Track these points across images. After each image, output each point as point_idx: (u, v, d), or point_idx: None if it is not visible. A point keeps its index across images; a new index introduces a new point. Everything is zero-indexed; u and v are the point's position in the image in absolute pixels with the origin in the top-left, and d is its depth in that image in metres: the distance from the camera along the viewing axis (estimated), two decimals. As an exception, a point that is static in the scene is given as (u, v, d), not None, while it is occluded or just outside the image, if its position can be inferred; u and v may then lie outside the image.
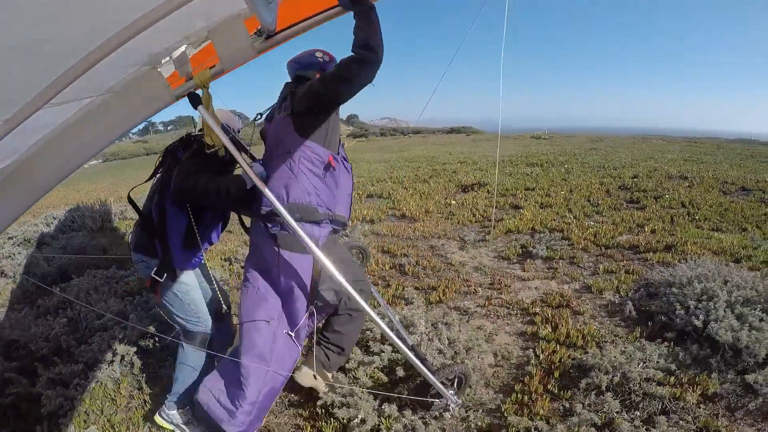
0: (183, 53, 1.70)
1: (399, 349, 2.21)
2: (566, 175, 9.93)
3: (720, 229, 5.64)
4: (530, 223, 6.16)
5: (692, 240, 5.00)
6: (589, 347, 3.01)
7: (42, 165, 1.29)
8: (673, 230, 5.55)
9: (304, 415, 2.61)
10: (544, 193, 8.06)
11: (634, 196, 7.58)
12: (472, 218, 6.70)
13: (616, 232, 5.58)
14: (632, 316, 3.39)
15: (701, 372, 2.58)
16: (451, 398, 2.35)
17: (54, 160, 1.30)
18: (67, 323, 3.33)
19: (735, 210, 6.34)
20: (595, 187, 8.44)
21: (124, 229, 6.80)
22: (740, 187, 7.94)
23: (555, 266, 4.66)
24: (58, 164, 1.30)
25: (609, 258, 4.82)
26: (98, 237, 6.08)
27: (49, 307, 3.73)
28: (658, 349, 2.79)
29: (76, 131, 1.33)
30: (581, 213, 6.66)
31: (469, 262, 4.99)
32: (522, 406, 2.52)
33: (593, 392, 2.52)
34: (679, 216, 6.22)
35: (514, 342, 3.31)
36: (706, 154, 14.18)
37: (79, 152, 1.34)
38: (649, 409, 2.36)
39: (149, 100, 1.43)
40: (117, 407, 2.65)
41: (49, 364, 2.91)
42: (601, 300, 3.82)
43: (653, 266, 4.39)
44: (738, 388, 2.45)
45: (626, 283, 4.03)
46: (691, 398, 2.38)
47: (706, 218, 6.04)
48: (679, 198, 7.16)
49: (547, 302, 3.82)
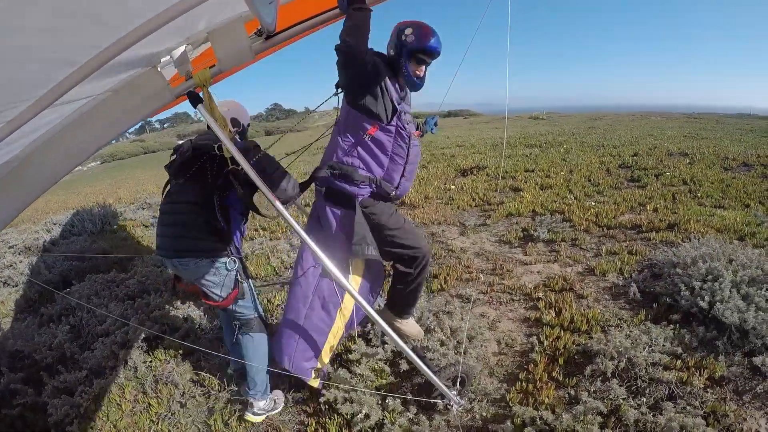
0: (183, 53, 1.68)
1: (402, 350, 2.19)
2: (565, 155, 9.83)
3: (722, 206, 5.57)
4: (531, 206, 6.11)
5: (695, 218, 4.94)
6: (593, 332, 2.99)
7: (41, 163, 1.30)
8: (675, 208, 5.49)
9: (308, 411, 2.61)
10: (544, 175, 7.97)
11: (635, 175, 7.50)
12: (472, 203, 6.64)
13: (618, 212, 5.52)
14: (637, 298, 3.36)
15: (708, 355, 2.55)
16: (454, 399, 2.33)
17: (53, 158, 1.31)
18: (69, 330, 3.33)
19: (737, 186, 6.26)
20: (595, 167, 8.35)
21: (124, 231, 6.79)
22: (742, 163, 7.83)
23: (557, 249, 4.62)
24: (58, 162, 1.32)
25: (611, 239, 4.77)
26: (98, 240, 6.06)
27: (52, 315, 3.73)
28: (664, 332, 2.76)
29: (76, 129, 1.33)
30: (582, 193, 6.60)
31: (470, 247, 4.95)
32: (527, 395, 2.51)
33: (598, 379, 2.50)
34: (681, 193, 6.14)
35: (517, 329, 3.30)
36: (705, 129, 14.02)
37: (79, 150, 1.35)
38: (656, 395, 2.34)
39: (149, 99, 1.43)
40: (122, 412, 2.65)
41: (54, 372, 2.91)
42: (604, 282, 3.79)
43: (656, 246, 4.34)
44: (745, 370, 2.42)
45: (630, 264, 3.99)
46: (698, 382, 2.35)
47: (708, 195, 5.97)
48: (681, 175, 7.08)
49: (550, 286, 3.79)
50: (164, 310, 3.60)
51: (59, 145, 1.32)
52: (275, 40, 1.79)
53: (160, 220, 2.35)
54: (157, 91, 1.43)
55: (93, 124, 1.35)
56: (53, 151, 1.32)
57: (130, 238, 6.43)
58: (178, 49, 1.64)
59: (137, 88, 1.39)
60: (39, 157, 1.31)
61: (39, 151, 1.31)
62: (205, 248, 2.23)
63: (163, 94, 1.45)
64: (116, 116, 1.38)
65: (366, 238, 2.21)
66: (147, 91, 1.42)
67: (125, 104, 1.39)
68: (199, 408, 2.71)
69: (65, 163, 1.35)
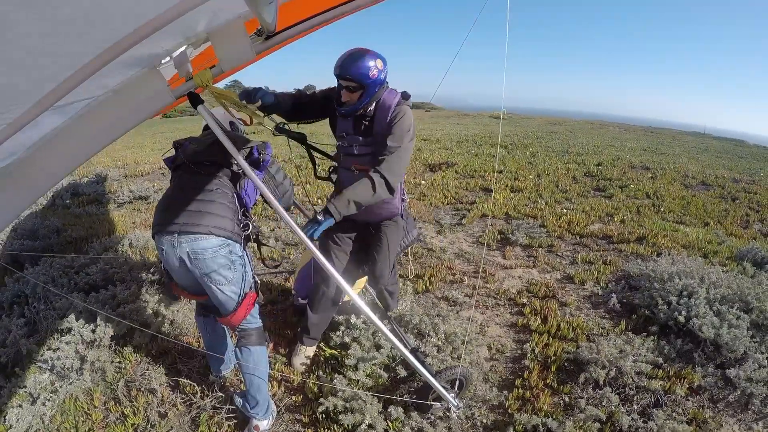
0: (183, 53, 1.66)
1: (402, 353, 2.15)
2: (532, 159, 10.19)
3: (683, 222, 6.04)
4: (504, 208, 6.27)
5: (661, 233, 5.31)
6: (580, 340, 3.12)
7: (42, 164, 1.29)
8: (641, 221, 5.87)
9: (303, 421, 2.49)
10: (513, 177, 8.21)
11: (600, 184, 7.93)
12: (444, 200, 6.70)
13: (588, 221, 5.81)
14: (616, 309, 3.55)
15: (686, 365, 2.76)
16: (452, 402, 2.34)
17: (54, 159, 1.30)
18: (24, 324, 2.94)
19: (697, 204, 6.81)
20: (561, 173, 8.73)
21: (78, 207, 6.15)
22: (701, 182, 8.53)
23: (535, 254, 4.78)
24: (58, 163, 1.31)
25: (585, 247, 5.01)
26: (50, 216, 5.43)
27: (2, 302, 3.28)
28: (645, 343, 2.94)
29: (76, 131, 1.30)
30: (552, 199, 6.87)
31: (449, 247, 4.99)
32: (525, 402, 2.57)
33: (591, 386, 2.62)
34: (645, 207, 6.58)
35: (506, 334, 3.37)
36: (663, 144, 15.12)
37: (79, 151, 1.33)
38: (643, 402, 2.50)
39: (149, 99, 1.41)
40: (93, 423, 2.39)
41: (11, 374, 2.57)
42: (583, 291, 3.98)
43: (628, 258, 4.62)
44: (719, 381, 2.65)
45: (605, 274, 4.21)
46: (680, 391, 2.54)
47: (670, 210, 6.44)
48: (644, 189, 7.58)
49: (533, 293, 3.92)
50: (133, 304, 3.28)
51: (59, 147, 1.30)
52: (275, 40, 1.79)
53: (170, 195, 2.05)
54: (158, 91, 1.42)
55: (93, 125, 1.33)
56: (54, 152, 1.30)
57: (85, 215, 5.84)
58: (178, 49, 1.63)
59: (137, 89, 1.38)
60: (39, 158, 1.28)
61: (39, 152, 1.28)
62: (226, 228, 1.93)
63: (164, 94, 1.43)
64: (116, 117, 1.36)
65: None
66: (147, 92, 1.40)
67: (125, 105, 1.37)
68: (181, 418, 2.47)
69: (65, 164, 1.33)
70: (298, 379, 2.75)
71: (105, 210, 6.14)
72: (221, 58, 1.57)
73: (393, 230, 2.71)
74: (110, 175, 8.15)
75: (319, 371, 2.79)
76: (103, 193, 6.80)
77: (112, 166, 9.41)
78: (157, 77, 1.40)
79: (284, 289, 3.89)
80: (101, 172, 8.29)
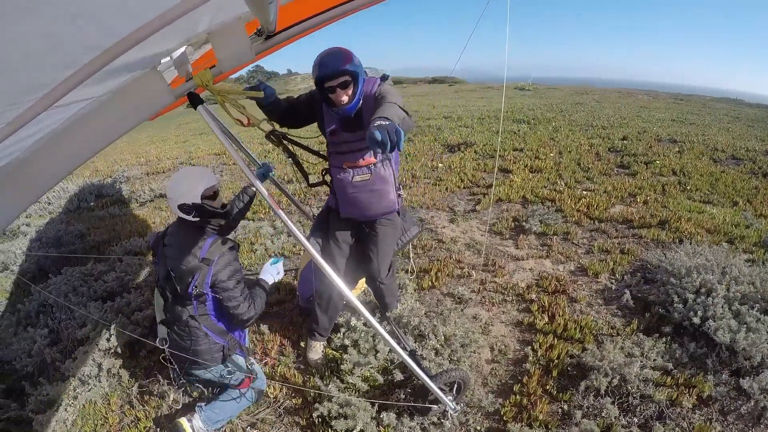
0: (183, 54, 1.67)
1: (399, 355, 2.15)
2: (554, 134, 9.71)
3: (711, 201, 5.64)
4: (521, 191, 6.06)
5: (685, 215, 4.98)
6: (586, 341, 3.02)
7: (42, 164, 1.31)
8: (665, 201, 5.53)
9: (301, 424, 2.58)
10: (533, 155, 7.86)
11: (625, 161, 7.49)
12: (461, 184, 6.53)
13: (609, 203, 5.53)
14: (629, 305, 3.40)
15: (697, 372, 2.61)
16: (449, 405, 2.34)
17: (54, 160, 1.32)
18: (48, 334, 3.16)
19: (726, 181, 6.32)
20: (584, 149, 8.30)
21: (101, 209, 6.46)
22: (731, 156, 7.89)
23: (549, 243, 4.61)
24: (58, 163, 1.34)
25: (603, 234, 4.79)
26: (75, 221, 5.74)
27: (29, 312, 3.53)
28: (656, 345, 2.81)
29: (76, 131, 1.32)
30: (572, 179, 6.56)
31: (461, 237, 4.90)
32: (521, 410, 2.54)
33: (591, 395, 2.54)
34: (671, 185, 6.18)
35: (510, 333, 3.31)
36: (692, 113, 14.04)
37: (79, 152, 1.36)
38: (646, 413, 2.40)
39: (149, 100, 1.43)
40: (110, 426, 2.57)
41: (36, 383, 2.78)
42: (597, 284, 3.82)
43: (648, 245, 4.38)
44: (732, 390, 2.49)
45: (622, 264, 4.02)
46: (687, 402, 2.41)
47: (697, 188, 6.02)
48: (670, 165, 7.10)
49: (543, 287, 3.80)
50: (145, 312, 3.44)
51: (60, 147, 1.33)
52: (275, 40, 1.80)
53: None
54: (158, 92, 1.43)
55: (94, 125, 1.35)
56: (54, 153, 1.32)
57: (108, 217, 6.13)
58: (179, 50, 1.63)
59: (138, 89, 1.39)
60: (40, 159, 1.31)
61: (40, 153, 1.31)
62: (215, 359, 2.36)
63: (164, 95, 1.44)
64: (117, 118, 1.38)
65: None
66: (147, 93, 1.41)
67: (126, 106, 1.39)
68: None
69: (66, 164, 1.36)
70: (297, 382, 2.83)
71: (127, 210, 6.41)
72: (220, 58, 1.59)
73: (389, 228, 2.68)
74: (132, 174, 8.45)
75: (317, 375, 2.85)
76: (125, 193, 7.08)
77: (134, 163, 9.75)
78: (157, 77, 1.42)
79: (291, 288, 3.96)
80: (124, 171, 8.61)
